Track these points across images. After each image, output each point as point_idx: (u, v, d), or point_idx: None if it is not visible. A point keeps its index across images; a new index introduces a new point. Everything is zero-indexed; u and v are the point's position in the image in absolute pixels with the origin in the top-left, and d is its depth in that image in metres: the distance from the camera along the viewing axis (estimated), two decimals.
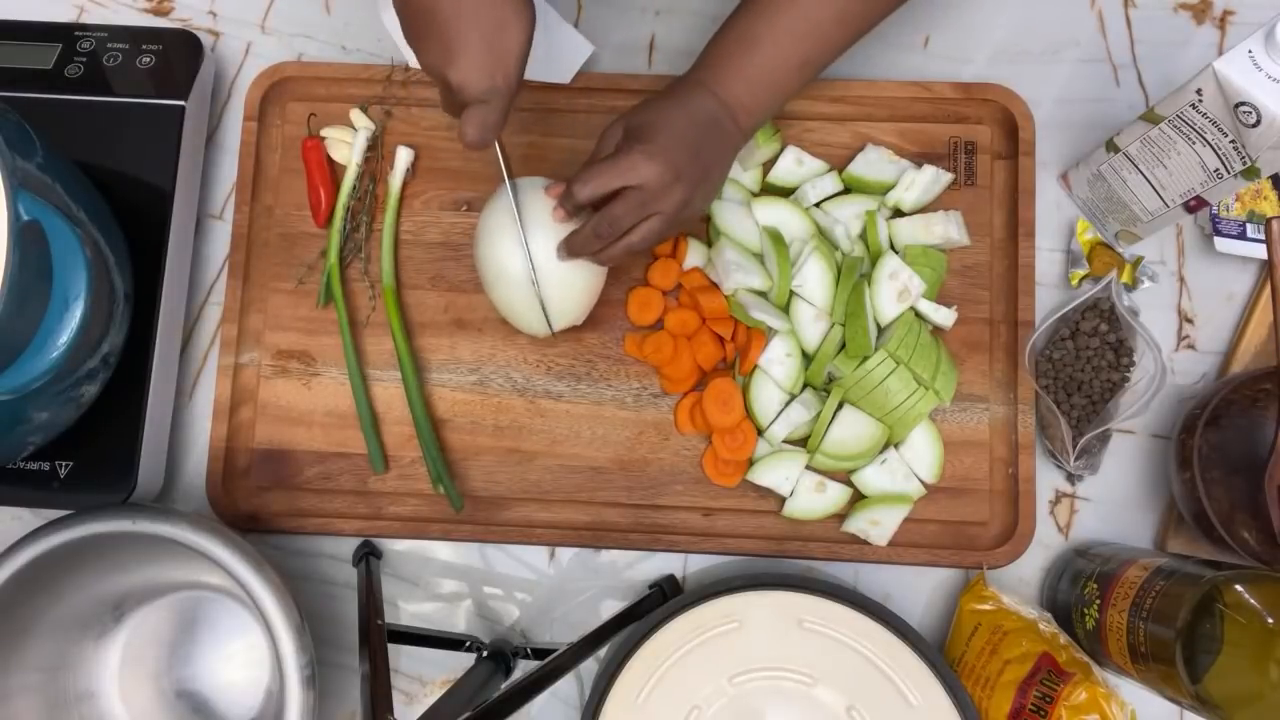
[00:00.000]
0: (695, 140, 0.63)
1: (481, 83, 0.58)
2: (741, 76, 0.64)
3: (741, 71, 0.64)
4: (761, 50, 0.63)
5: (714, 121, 0.64)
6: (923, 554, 0.72)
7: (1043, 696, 0.63)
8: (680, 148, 0.62)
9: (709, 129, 0.64)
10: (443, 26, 0.58)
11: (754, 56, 0.64)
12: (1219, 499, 0.66)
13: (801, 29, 0.63)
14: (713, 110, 0.64)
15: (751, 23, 0.64)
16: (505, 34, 0.58)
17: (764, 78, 0.64)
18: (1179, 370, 0.76)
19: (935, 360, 0.71)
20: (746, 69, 0.64)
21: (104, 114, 0.75)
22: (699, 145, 0.63)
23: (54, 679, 0.69)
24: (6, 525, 0.75)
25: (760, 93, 0.64)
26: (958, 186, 0.77)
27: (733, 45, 0.64)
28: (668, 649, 0.66)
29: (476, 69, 0.58)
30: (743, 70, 0.64)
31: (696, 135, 0.63)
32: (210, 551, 0.63)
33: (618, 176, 0.61)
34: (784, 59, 0.63)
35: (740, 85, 0.64)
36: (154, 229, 0.73)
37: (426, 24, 0.58)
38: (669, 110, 0.63)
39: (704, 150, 0.63)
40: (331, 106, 0.79)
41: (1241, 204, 0.75)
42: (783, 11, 0.63)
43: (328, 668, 0.72)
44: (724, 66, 0.64)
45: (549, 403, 0.75)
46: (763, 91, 0.64)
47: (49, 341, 0.62)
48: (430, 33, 0.58)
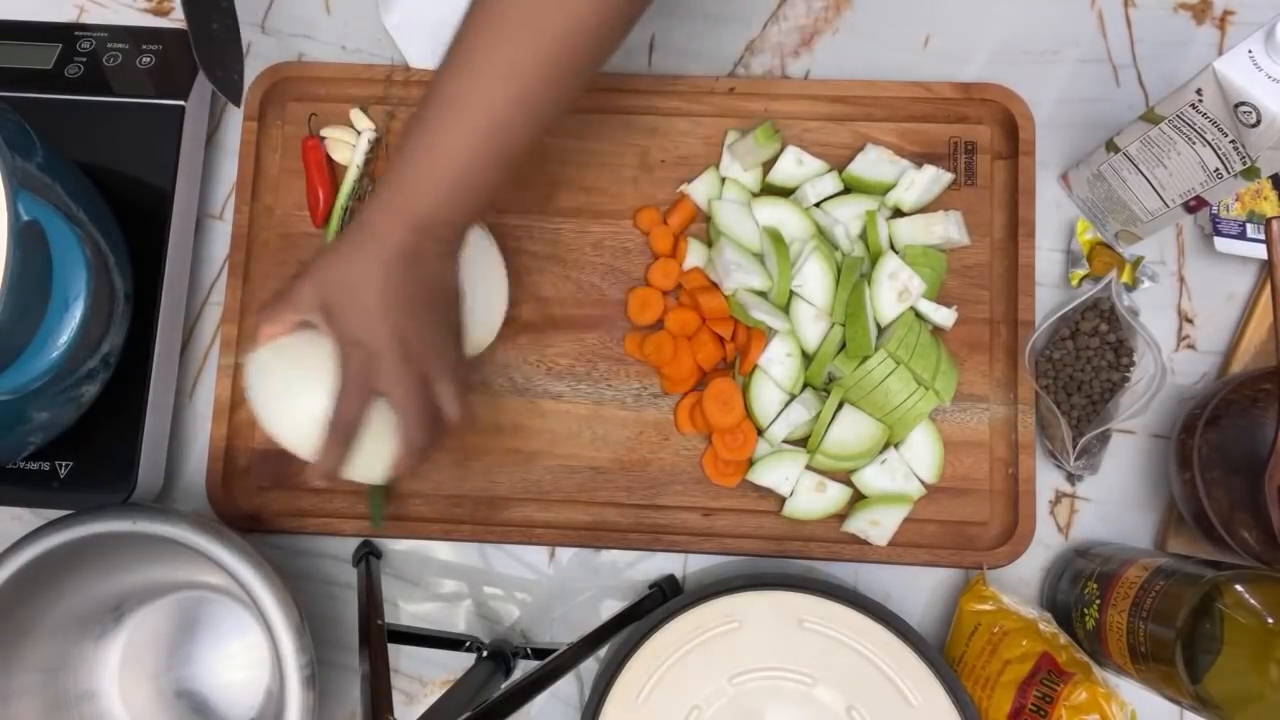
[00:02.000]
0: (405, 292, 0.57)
1: None
2: (431, 188, 0.56)
3: (430, 183, 0.56)
4: (446, 155, 0.56)
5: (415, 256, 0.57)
6: (923, 554, 0.72)
7: (1043, 696, 0.63)
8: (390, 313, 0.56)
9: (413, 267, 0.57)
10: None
11: (440, 164, 0.56)
12: (1219, 499, 0.66)
13: (484, 124, 0.55)
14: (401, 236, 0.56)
15: (427, 132, 0.56)
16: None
17: (458, 183, 0.56)
18: (1179, 370, 0.76)
19: (935, 360, 0.71)
20: (435, 179, 0.56)
21: (104, 114, 0.75)
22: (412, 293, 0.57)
23: (54, 679, 0.69)
24: (6, 525, 0.75)
25: (458, 199, 0.57)
26: (958, 186, 0.77)
27: (415, 154, 0.56)
28: (668, 649, 0.66)
29: None
30: (431, 181, 0.56)
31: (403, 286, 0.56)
32: (210, 551, 0.63)
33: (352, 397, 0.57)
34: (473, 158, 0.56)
35: (433, 198, 0.56)
36: (154, 229, 0.73)
37: None
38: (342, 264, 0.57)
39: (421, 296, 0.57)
40: (332, 106, 0.79)
41: (1241, 204, 0.75)
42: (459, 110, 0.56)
43: (328, 668, 0.72)
44: (408, 180, 0.56)
45: (549, 403, 0.75)
46: (460, 197, 0.57)
47: (49, 341, 0.62)
48: None
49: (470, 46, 0.56)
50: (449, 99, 0.56)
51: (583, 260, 0.77)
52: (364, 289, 0.56)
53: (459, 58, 0.56)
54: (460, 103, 0.56)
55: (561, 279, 0.77)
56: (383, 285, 0.56)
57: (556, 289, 0.77)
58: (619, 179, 0.78)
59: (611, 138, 0.78)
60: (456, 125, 0.56)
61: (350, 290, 0.57)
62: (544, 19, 0.55)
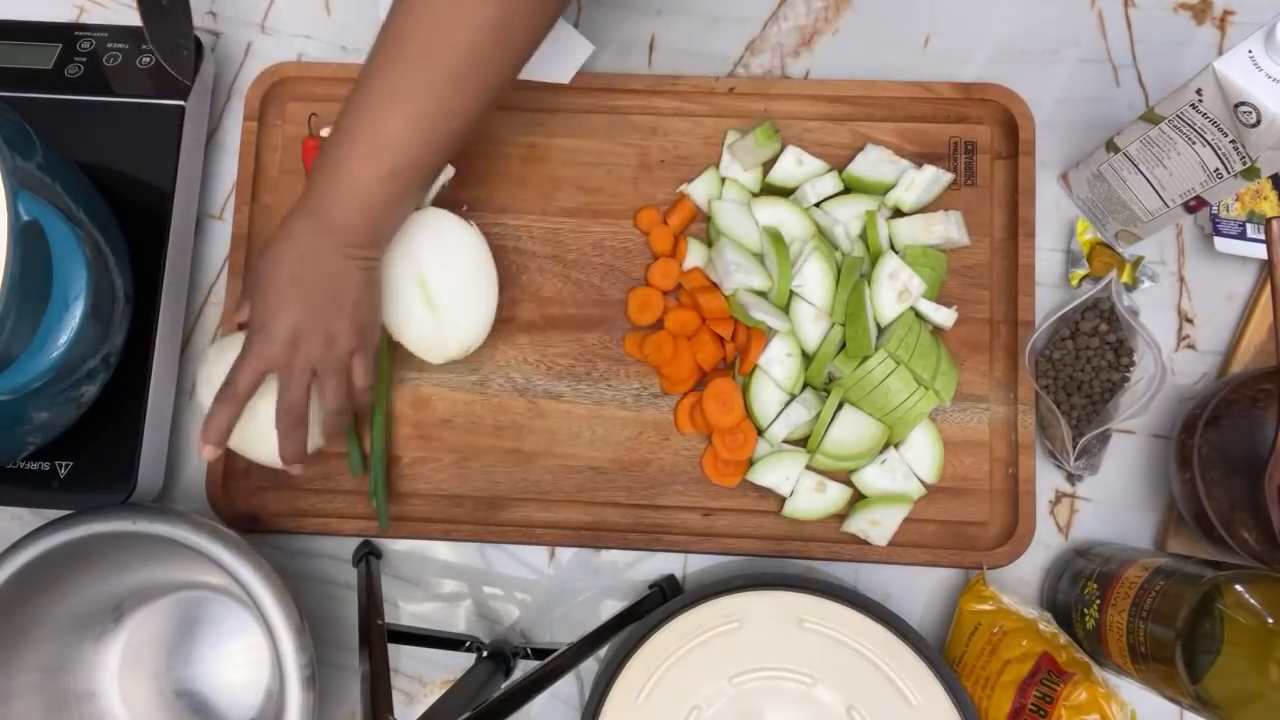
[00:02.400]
0: (305, 284, 0.63)
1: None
2: (335, 196, 0.62)
3: (335, 191, 0.62)
4: (347, 170, 0.62)
5: (314, 250, 0.63)
6: (923, 554, 0.72)
7: (1043, 696, 0.63)
8: (290, 303, 0.63)
9: (312, 258, 0.63)
10: None
11: (340, 178, 0.62)
12: (1219, 499, 0.66)
13: (381, 141, 0.61)
14: (309, 237, 0.63)
15: (338, 141, 0.62)
16: None
17: (354, 196, 0.62)
18: (1179, 370, 0.76)
19: (935, 360, 0.71)
20: (339, 188, 0.62)
21: (104, 114, 0.75)
22: (311, 286, 0.63)
23: (54, 679, 0.69)
24: (6, 525, 0.75)
25: (356, 211, 0.63)
26: (958, 186, 0.77)
27: (323, 169, 0.63)
28: (668, 649, 0.66)
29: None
30: (335, 190, 0.62)
31: (300, 268, 0.63)
32: (210, 551, 0.63)
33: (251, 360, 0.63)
34: (370, 172, 0.62)
35: (337, 205, 0.63)
36: (154, 229, 0.73)
37: None
38: (270, 254, 0.64)
39: (319, 286, 0.63)
40: (332, 106, 0.79)
41: (1241, 204, 0.75)
42: (361, 127, 0.61)
43: (328, 668, 0.72)
44: (319, 191, 0.63)
45: (549, 403, 0.75)
46: (358, 209, 0.63)
47: (49, 341, 0.62)
48: None
49: (368, 73, 0.61)
50: (349, 123, 0.62)
51: (583, 260, 0.77)
52: (272, 278, 0.63)
53: (361, 84, 0.61)
54: (357, 128, 0.61)
55: (561, 279, 0.77)
56: (287, 277, 0.63)
57: (556, 289, 0.77)
58: (619, 179, 0.78)
59: (611, 138, 0.78)
60: (357, 147, 0.62)
61: (264, 278, 0.64)
62: (438, 43, 0.59)
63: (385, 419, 0.74)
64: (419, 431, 0.75)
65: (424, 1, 0.59)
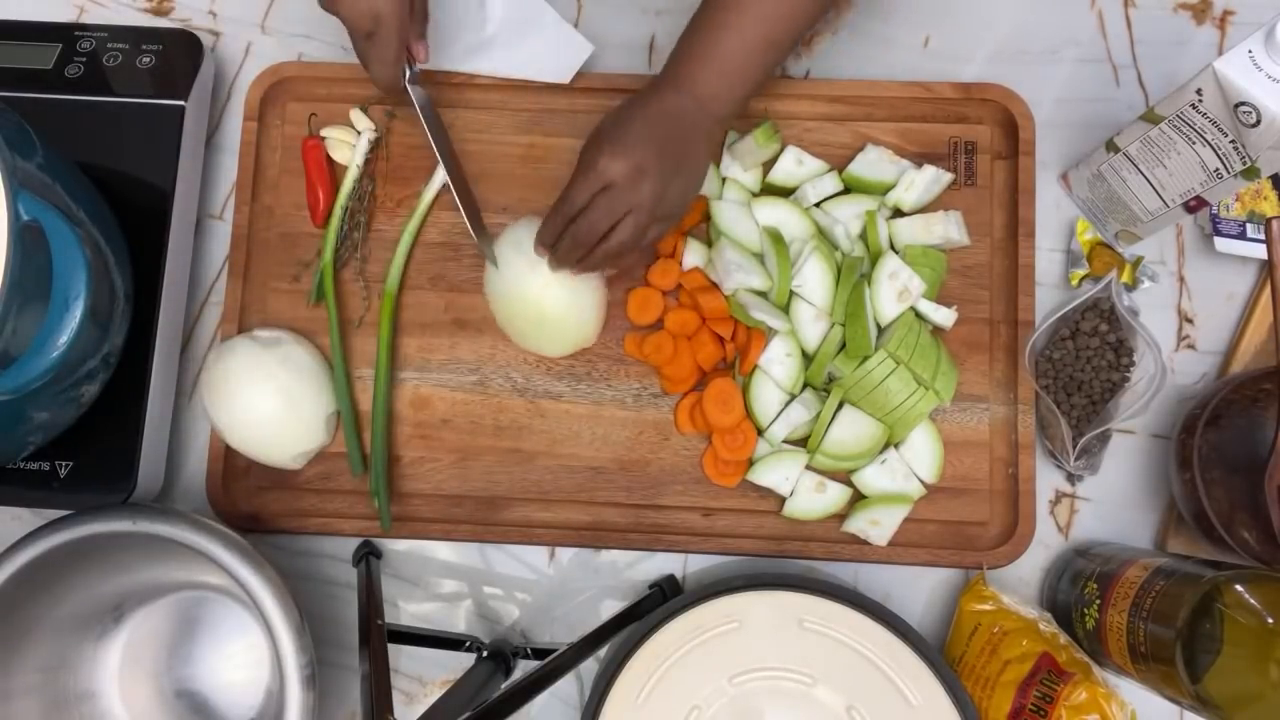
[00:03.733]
0: (660, 134, 0.64)
1: (363, 9, 0.63)
2: (705, 63, 0.65)
3: (706, 59, 0.65)
4: (726, 35, 0.64)
5: (679, 113, 0.65)
6: (923, 554, 0.72)
7: (1043, 696, 0.63)
8: (643, 143, 0.63)
9: (674, 121, 0.64)
10: None
11: (719, 43, 0.64)
12: (1219, 499, 0.66)
13: (766, 10, 0.64)
14: (676, 102, 0.65)
15: (714, 11, 0.65)
16: None
17: (729, 62, 0.65)
18: (1179, 370, 0.76)
19: (935, 360, 0.71)
20: (711, 56, 0.65)
21: (104, 114, 0.75)
22: (665, 138, 0.64)
23: (54, 679, 0.69)
24: (6, 525, 0.75)
25: (726, 78, 0.65)
26: (958, 186, 0.77)
27: (698, 34, 0.65)
28: (668, 649, 0.66)
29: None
30: (707, 57, 0.65)
31: (661, 129, 0.64)
32: (210, 551, 0.63)
33: (585, 185, 0.64)
34: (747, 41, 0.64)
35: (705, 72, 0.65)
36: (154, 229, 0.73)
37: None
38: (628, 112, 0.65)
39: (671, 142, 0.64)
40: (331, 106, 0.79)
41: (1241, 204, 0.75)
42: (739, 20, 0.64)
43: (328, 668, 0.72)
44: (690, 57, 0.65)
45: (549, 403, 0.75)
46: (729, 76, 0.65)
47: (49, 341, 0.62)
48: None
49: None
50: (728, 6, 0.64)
51: None
52: (624, 127, 0.64)
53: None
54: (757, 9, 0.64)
55: None
56: (642, 125, 0.64)
57: None
58: None
59: None
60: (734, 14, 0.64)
61: (611, 130, 0.64)
62: None
63: (385, 419, 0.74)
64: (419, 431, 0.75)
65: None
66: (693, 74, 0.65)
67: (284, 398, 0.71)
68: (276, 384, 0.71)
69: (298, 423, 0.72)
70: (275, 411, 0.71)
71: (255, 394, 0.71)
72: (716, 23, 0.65)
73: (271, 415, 0.71)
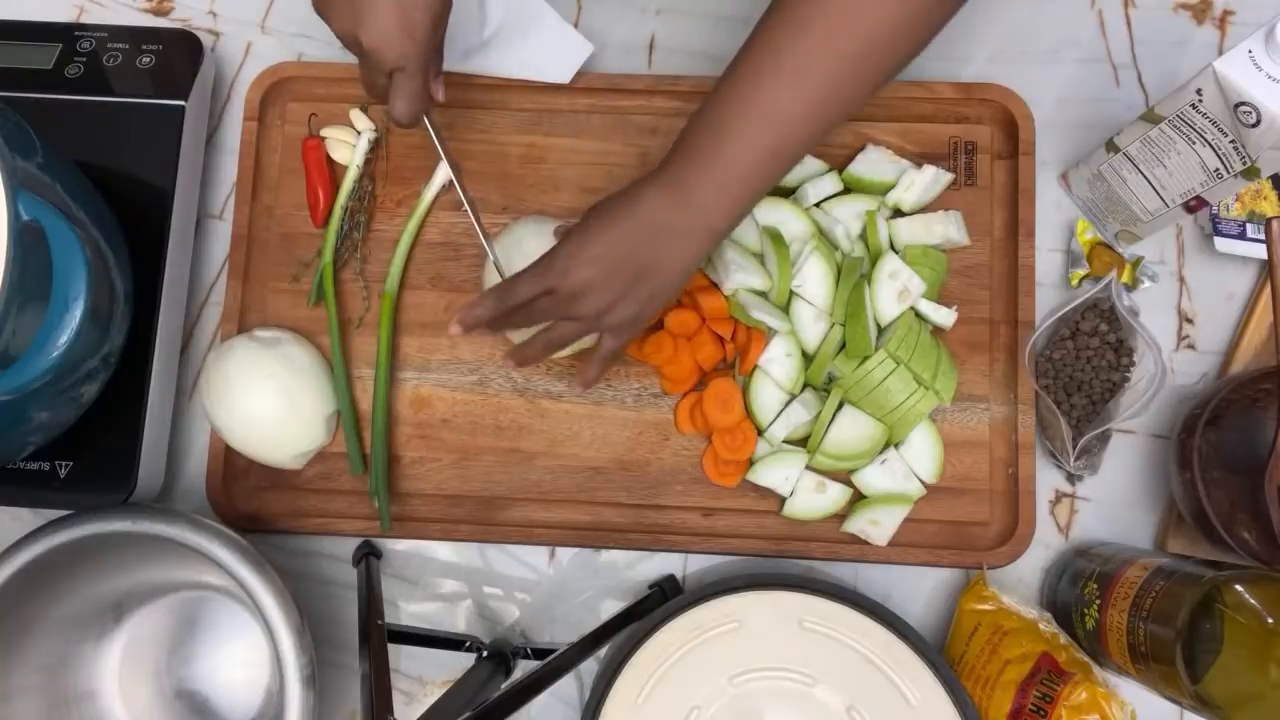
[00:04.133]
0: (633, 249, 0.60)
1: (394, 47, 0.60)
2: (704, 171, 0.59)
3: (705, 165, 0.59)
4: (728, 141, 0.58)
5: (665, 229, 0.60)
6: (923, 554, 0.72)
7: (1043, 696, 0.63)
8: (608, 258, 0.60)
9: (656, 237, 0.60)
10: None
11: (720, 150, 0.58)
12: (1219, 499, 0.66)
13: (770, 117, 0.57)
14: (667, 215, 0.60)
15: (716, 112, 0.59)
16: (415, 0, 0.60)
17: (730, 172, 0.59)
18: (1179, 370, 0.76)
19: (935, 360, 0.71)
20: (711, 163, 0.59)
21: (104, 114, 0.75)
22: (638, 255, 0.60)
23: (54, 679, 0.69)
24: (6, 525, 0.75)
25: (727, 191, 0.59)
26: (958, 186, 0.77)
27: (699, 133, 0.59)
28: (668, 649, 0.66)
29: (388, 32, 0.59)
30: (707, 164, 0.59)
31: (636, 243, 0.60)
32: (210, 551, 0.63)
33: (533, 282, 0.61)
34: (752, 149, 0.58)
35: (704, 183, 0.59)
36: (154, 229, 0.73)
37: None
38: (611, 210, 0.61)
39: (644, 261, 0.60)
40: (331, 106, 0.79)
41: (1241, 204, 0.75)
42: (748, 99, 0.58)
43: (328, 668, 0.72)
44: (689, 160, 0.59)
45: (549, 403, 0.75)
46: (730, 188, 0.59)
47: (49, 341, 0.62)
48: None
49: (759, 45, 0.58)
50: (731, 94, 0.58)
51: None
52: (598, 228, 0.60)
53: (749, 55, 0.58)
54: (743, 101, 0.58)
55: None
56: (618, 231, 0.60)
57: None
58: (619, 179, 0.78)
59: (611, 138, 0.78)
60: (740, 121, 0.58)
61: (586, 226, 0.61)
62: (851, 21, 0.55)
63: (385, 419, 0.74)
64: (419, 431, 0.75)
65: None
66: (690, 181, 0.59)
67: (284, 398, 0.71)
68: (276, 384, 0.71)
69: (298, 423, 0.72)
70: (275, 411, 0.71)
71: (255, 394, 0.71)
72: (718, 124, 0.58)
73: (271, 415, 0.71)
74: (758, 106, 0.57)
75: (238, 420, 0.71)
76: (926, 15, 0.56)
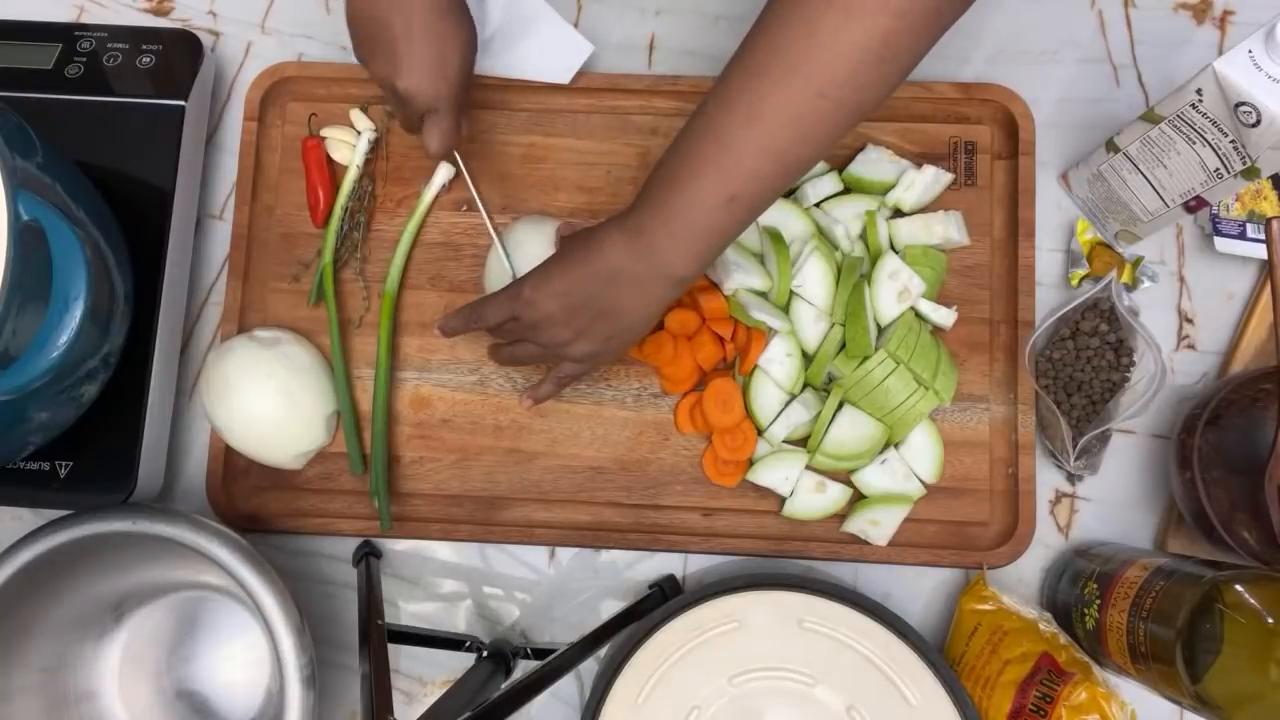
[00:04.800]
0: (593, 292, 0.61)
1: (428, 90, 0.66)
2: (662, 218, 0.58)
3: (663, 213, 0.58)
4: (683, 189, 0.57)
5: (617, 270, 0.60)
6: (923, 554, 0.72)
7: (1043, 696, 0.63)
8: (569, 295, 0.61)
9: (610, 278, 0.60)
10: (393, 41, 0.65)
11: (674, 196, 0.57)
12: (1219, 499, 0.66)
13: (726, 164, 0.56)
14: (624, 257, 0.59)
15: (674, 158, 0.58)
16: (448, 48, 0.66)
17: (683, 219, 0.57)
18: (1179, 370, 0.76)
19: (935, 360, 0.71)
20: (667, 210, 0.58)
21: (104, 114, 0.75)
22: (594, 293, 0.61)
23: (54, 679, 0.69)
24: (6, 525, 0.75)
25: (684, 237, 0.58)
26: (958, 186, 0.77)
27: (657, 183, 0.58)
28: (668, 649, 0.66)
29: (424, 78, 0.65)
30: (664, 212, 0.58)
31: (596, 287, 0.61)
32: (210, 551, 0.63)
33: (501, 308, 0.64)
34: (704, 196, 0.56)
35: (663, 229, 0.58)
36: (154, 229, 0.73)
37: (377, 38, 0.65)
38: (578, 248, 0.61)
39: (600, 299, 0.61)
40: (331, 107, 0.79)
41: (1241, 204, 0.75)
42: (703, 146, 0.56)
43: (328, 668, 0.72)
44: (649, 203, 0.59)
45: (549, 403, 0.75)
46: (686, 235, 0.58)
47: (49, 341, 0.62)
48: (380, 46, 0.65)
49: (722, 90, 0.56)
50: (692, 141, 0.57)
51: None
52: (564, 267, 0.62)
53: (711, 100, 0.57)
54: (702, 148, 0.56)
55: None
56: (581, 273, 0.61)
57: None
58: (619, 179, 0.78)
59: (611, 138, 0.78)
60: (698, 167, 0.57)
61: (556, 262, 0.63)
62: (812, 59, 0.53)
63: (385, 419, 0.74)
64: (419, 431, 0.75)
65: (802, 12, 0.52)
66: (649, 227, 0.58)
67: (284, 398, 0.71)
68: (276, 384, 0.71)
69: (298, 423, 0.72)
70: (275, 411, 0.71)
71: (255, 394, 0.71)
72: (674, 172, 0.57)
73: (271, 415, 0.71)
74: (713, 154, 0.56)
75: (238, 420, 0.71)
76: (890, 50, 0.53)
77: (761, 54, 0.55)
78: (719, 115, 0.56)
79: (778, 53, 0.54)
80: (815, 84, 0.53)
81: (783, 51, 0.54)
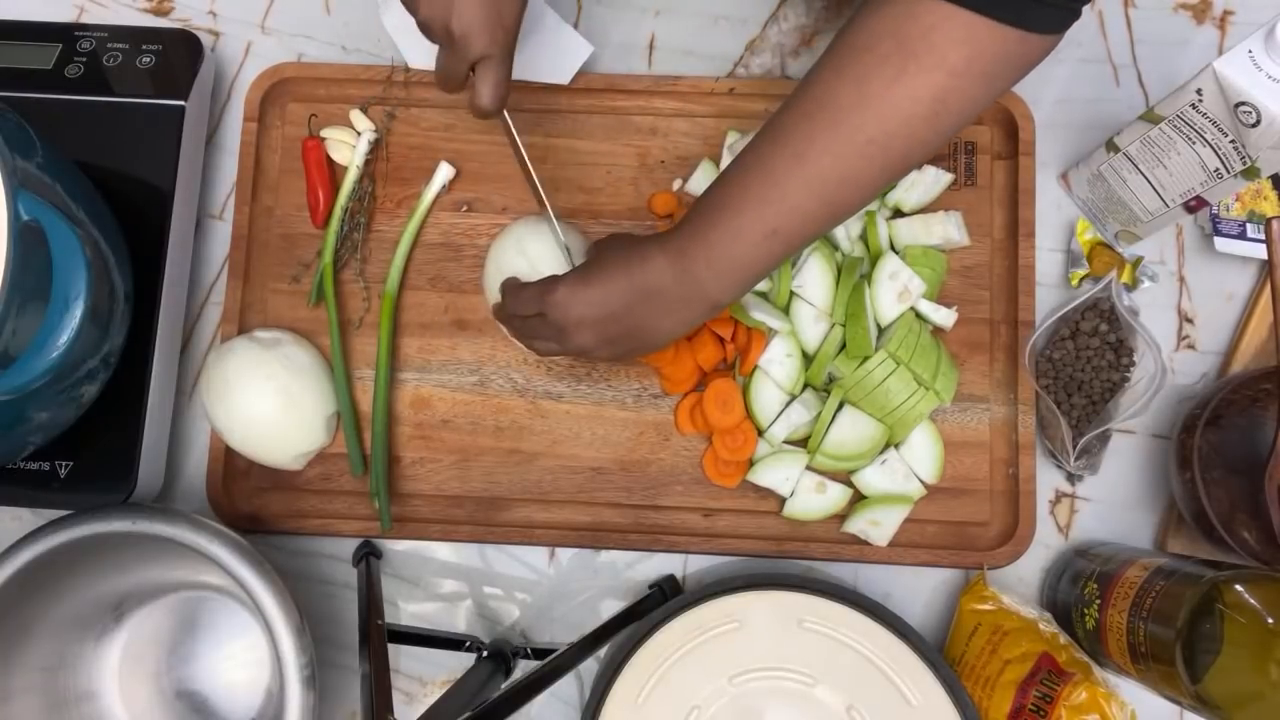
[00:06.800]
0: (627, 301, 0.61)
1: (483, 34, 0.60)
2: (704, 245, 0.59)
3: (705, 240, 0.59)
4: (726, 219, 0.58)
5: (657, 290, 0.60)
6: (923, 554, 0.72)
7: (1043, 696, 0.63)
8: (603, 305, 0.61)
9: (648, 296, 0.60)
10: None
11: (716, 223, 0.58)
12: (1219, 499, 0.66)
13: (771, 199, 0.57)
14: (663, 277, 0.60)
15: (722, 188, 0.59)
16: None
17: (728, 249, 0.58)
18: (1179, 370, 0.76)
19: (935, 360, 0.71)
20: (708, 238, 0.58)
21: (104, 114, 0.75)
22: (630, 306, 0.61)
23: (54, 679, 0.69)
24: (6, 525, 0.75)
25: (724, 266, 0.59)
26: (958, 186, 0.77)
27: (703, 210, 0.59)
28: (668, 649, 0.66)
29: (479, 19, 0.59)
30: (706, 239, 0.58)
31: (631, 297, 0.60)
32: (210, 551, 0.63)
33: (531, 302, 0.63)
34: (748, 231, 0.57)
35: (703, 255, 0.59)
36: (154, 229, 0.73)
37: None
38: (620, 259, 0.61)
39: (634, 314, 0.61)
40: (332, 107, 0.79)
41: (1241, 204, 0.75)
42: (750, 180, 0.57)
43: (328, 668, 0.72)
44: (692, 232, 0.59)
45: (549, 403, 0.75)
46: (727, 265, 0.59)
47: (49, 341, 0.62)
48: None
49: (773, 127, 0.57)
50: (740, 174, 0.58)
51: None
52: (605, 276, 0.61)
53: (763, 136, 0.58)
54: (750, 180, 0.57)
55: None
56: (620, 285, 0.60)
57: None
58: (619, 179, 0.78)
59: (611, 138, 0.78)
60: (744, 199, 0.57)
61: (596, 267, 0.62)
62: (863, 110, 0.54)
63: (385, 419, 0.74)
64: (419, 432, 0.75)
65: (857, 65, 0.54)
66: (691, 252, 0.59)
67: (284, 398, 0.71)
68: (276, 384, 0.71)
69: (298, 423, 0.72)
70: (275, 412, 0.71)
71: (255, 394, 0.71)
72: (721, 202, 0.58)
73: (271, 416, 0.71)
74: (759, 188, 0.57)
75: (238, 421, 0.71)
76: (943, 106, 0.54)
77: (815, 98, 0.56)
78: (768, 151, 0.57)
79: (830, 99, 0.55)
80: (865, 132, 0.54)
81: (834, 97, 0.55)
